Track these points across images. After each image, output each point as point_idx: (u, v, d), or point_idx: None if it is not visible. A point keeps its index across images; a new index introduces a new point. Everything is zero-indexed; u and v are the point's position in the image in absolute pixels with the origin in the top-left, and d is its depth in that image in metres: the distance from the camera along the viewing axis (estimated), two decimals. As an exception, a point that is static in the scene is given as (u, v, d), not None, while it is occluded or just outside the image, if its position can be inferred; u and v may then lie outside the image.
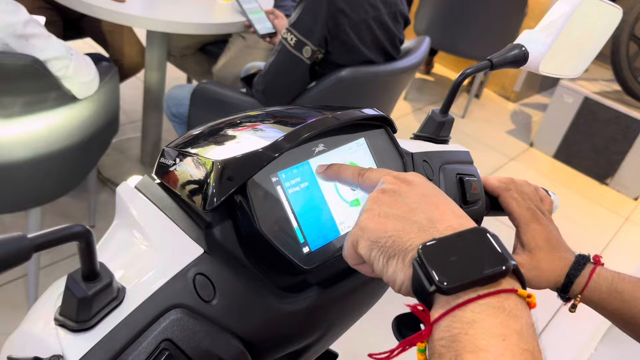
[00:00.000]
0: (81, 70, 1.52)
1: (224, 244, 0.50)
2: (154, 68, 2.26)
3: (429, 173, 0.66)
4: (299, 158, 0.54)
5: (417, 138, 0.74)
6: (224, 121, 0.59)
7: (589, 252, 0.73)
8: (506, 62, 0.69)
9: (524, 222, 0.72)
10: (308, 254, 0.51)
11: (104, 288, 0.42)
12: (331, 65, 1.73)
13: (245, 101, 1.84)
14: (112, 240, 0.51)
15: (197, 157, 0.51)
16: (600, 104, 3.29)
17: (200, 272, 0.47)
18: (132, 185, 0.55)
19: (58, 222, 2.15)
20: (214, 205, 0.47)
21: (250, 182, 0.49)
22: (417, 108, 3.78)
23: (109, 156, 2.52)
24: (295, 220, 0.52)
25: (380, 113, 0.59)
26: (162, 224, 0.50)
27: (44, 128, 1.51)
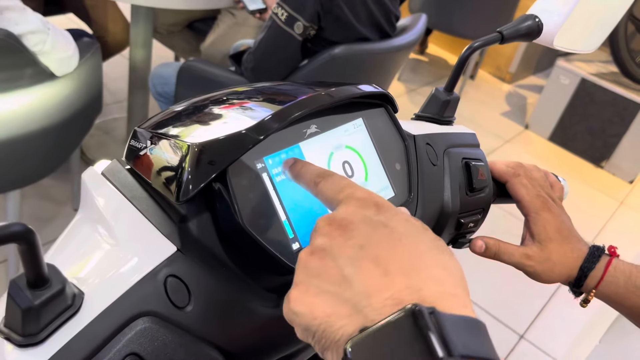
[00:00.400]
0: (59, 46, 1.43)
1: (200, 240, 0.44)
2: (140, 45, 2.16)
3: (432, 158, 0.60)
4: (288, 141, 0.47)
5: (419, 118, 0.67)
6: (205, 98, 0.52)
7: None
8: (518, 35, 0.62)
9: (534, 210, 0.66)
10: (298, 250, 0.45)
11: (54, 296, 0.35)
12: (324, 42, 1.65)
13: (234, 80, 1.76)
14: (72, 237, 0.44)
15: (171, 139, 0.44)
16: (597, 86, 3.23)
17: (173, 273, 0.41)
18: (99, 171, 0.48)
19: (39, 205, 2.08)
20: (189, 196, 0.41)
21: (231, 168, 0.42)
22: (410, 89, 3.70)
23: (94, 137, 2.43)
24: (284, 213, 0.45)
25: (380, 90, 0.52)
26: (130, 217, 0.43)
27: (19, 107, 1.42)
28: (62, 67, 1.46)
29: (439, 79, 3.97)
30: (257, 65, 1.68)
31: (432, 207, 0.59)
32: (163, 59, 2.86)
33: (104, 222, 0.43)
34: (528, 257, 0.65)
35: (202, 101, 0.51)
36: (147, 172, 0.45)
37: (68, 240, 0.45)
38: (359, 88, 0.50)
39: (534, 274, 0.66)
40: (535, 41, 0.65)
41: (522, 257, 0.65)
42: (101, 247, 0.42)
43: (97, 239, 0.43)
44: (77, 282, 0.39)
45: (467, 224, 0.63)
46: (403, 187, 0.54)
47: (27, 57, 1.35)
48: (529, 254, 0.65)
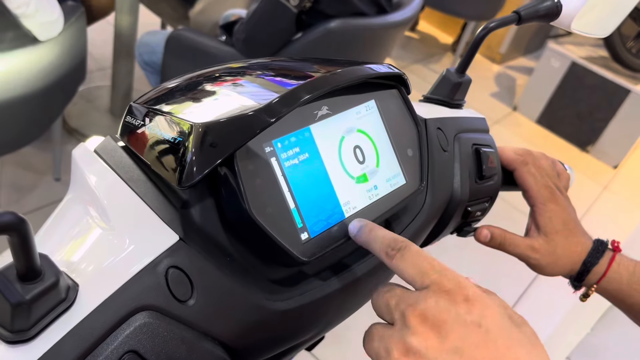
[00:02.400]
0: (43, 9, 1.37)
1: (203, 229, 0.41)
2: (125, 11, 2.09)
3: (443, 143, 0.57)
4: (299, 123, 0.44)
5: (428, 101, 0.64)
6: (205, 73, 0.48)
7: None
8: (537, 16, 0.59)
9: (541, 201, 0.64)
10: (307, 241, 0.42)
11: (47, 289, 0.32)
12: (319, 15, 1.61)
13: (224, 51, 1.70)
14: (62, 220, 0.41)
15: (171, 117, 0.41)
16: (587, 70, 3.23)
17: (175, 264, 0.38)
18: (91, 148, 0.44)
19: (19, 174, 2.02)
20: (193, 182, 0.38)
21: (238, 152, 0.39)
22: (401, 66, 3.66)
23: (76, 105, 2.36)
24: (293, 201, 0.42)
25: (396, 71, 0.49)
26: (127, 201, 0.40)
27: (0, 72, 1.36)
28: (45, 31, 1.40)
29: (429, 57, 3.93)
30: (249, 37, 1.63)
31: (442, 195, 0.56)
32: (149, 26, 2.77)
33: (98, 206, 0.40)
34: (534, 249, 0.63)
35: (205, 75, 0.48)
36: (144, 153, 0.42)
37: (58, 222, 0.41)
38: (373, 68, 0.47)
39: (538, 267, 0.64)
40: (552, 23, 0.62)
41: (528, 249, 0.64)
42: (96, 232, 0.39)
43: (91, 223, 0.40)
44: (70, 272, 0.36)
45: (474, 213, 0.61)
46: (415, 175, 0.51)
47: (9, 19, 1.29)
48: (534, 246, 0.64)
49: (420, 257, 0.38)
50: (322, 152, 0.45)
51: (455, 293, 0.35)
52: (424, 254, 0.38)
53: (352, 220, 0.44)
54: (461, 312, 0.34)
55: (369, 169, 0.48)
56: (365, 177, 0.47)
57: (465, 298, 0.35)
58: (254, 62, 0.51)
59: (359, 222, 0.43)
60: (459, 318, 0.34)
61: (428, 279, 0.36)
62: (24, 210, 1.89)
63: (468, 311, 0.34)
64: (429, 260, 0.38)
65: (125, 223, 0.39)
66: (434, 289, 0.36)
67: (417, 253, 0.38)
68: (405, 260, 0.38)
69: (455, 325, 0.34)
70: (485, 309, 0.35)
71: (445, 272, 0.37)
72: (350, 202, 0.46)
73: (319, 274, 0.46)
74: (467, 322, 0.34)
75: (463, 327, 0.34)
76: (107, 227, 0.39)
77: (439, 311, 0.35)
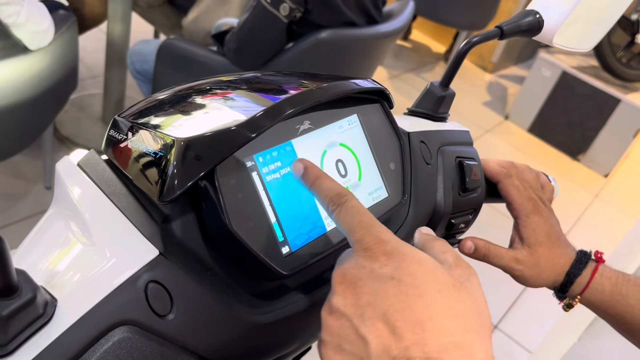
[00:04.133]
0: (34, 18, 1.37)
1: (184, 243, 0.41)
2: (118, 19, 2.09)
3: (426, 156, 0.58)
4: (280, 138, 0.44)
5: (413, 114, 0.65)
6: (191, 86, 0.49)
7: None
8: (519, 31, 0.60)
9: (524, 213, 0.65)
10: (288, 255, 0.43)
11: (24, 305, 0.32)
12: (310, 25, 1.61)
13: (215, 60, 1.71)
14: (44, 234, 0.41)
15: (153, 131, 0.41)
16: (578, 79, 3.25)
17: (154, 279, 0.38)
18: (75, 161, 0.44)
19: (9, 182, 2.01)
20: (173, 197, 0.38)
21: (219, 167, 0.39)
22: (393, 75, 3.68)
23: (68, 113, 2.36)
24: (274, 215, 0.42)
25: (378, 86, 0.50)
26: (108, 215, 0.40)
27: (-11, 81, 1.36)
28: (35, 40, 1.40)
29: (422, 66, 3.95)
30: (240, 47, 1.63)
31: (425, 207, 0.57)
32: (142, 34, 2.78)
33: (79, 220, 0.40)
34: (517, 261, 0.64)
35: (189, 89, 0.48)
36: (127, 167, 0.42)
37: (39, 237, 0.41)
38: (356, 83, 0.48)
39: (522, 278, 0.65)
40: (534, 38, 0.63)
41: (511, 261, 0.64)
42: (76, 247, 0.39)
43: (71, 238, 0.40)
44: (49, 287, 0.36)
45: (458, 225, 0.62)
46: (397, 188, 0.51)
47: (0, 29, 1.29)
48: (518, 258, 0.64)
49: (353, 213, 0.38)
50: None
51: (374, 249, 0.36)
52: (358, 210, 0.38)
53: (295, 160, 0.43)
54: (375, 267, 0.35)
55: (351, 182, 0.48)
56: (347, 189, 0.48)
57: (383, 252, 0.36)
58: (239, 77, 0.51)
59: (302, 163, 0.42)
60: (372, 273, 0.35)
61: (353, 237, 0.37)
62: (14, 218, 1.88)
63: (383, 265, 0.35)
64: (360, 217, 0.38)
65: (105, 237, 0.39)
66: (356, 247, 0.37)
67: (352, 209, 0.38)
68: (341, 216, 0.39)
69: (368, 280, 0.35)
70: (402, 262, 0.35)
71: (370, 229, 0.37)
72: (332, 216, 0.46)
73: (301, 286, 0.46)
74: (380, 275, 0.35)
75: (376, 281, 0.34)
76: (88, 242, 0.39)
77: (357, 268, 0.36)
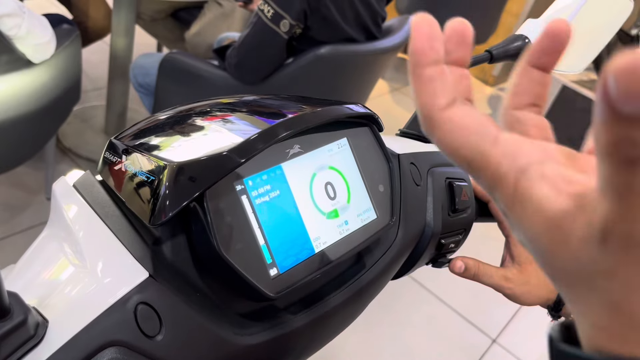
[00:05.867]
0: (35, 31, 1.39)
1: (174, 265, 0.42)
2: (122, 33, 2.11)
3: (416, 178, 0.59)
4: (270, 161, 0.45)
5: (404, 135, 0.66)
6: (186, 110, 0.50)
7: None
8: (507, 55, 0.61)
9: None
10: (276, 277, 0.44)
11: (15, 327, 0.33)
12: (310, 41, 1.63)
13: (217, 75, 1.73)
14: (38, 255, 0.42)
15: (147, 155, 0.42)
16: (578, 93, 3.26)
17: (144, 300, 0.39)
18: (71, 182, 0.46)
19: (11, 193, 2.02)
20: (163, 221, 0.39)
21: (209, 190, 0.41)
22: (394, 88, 3.70)
23: (70, 124, 2.38)
24: (262, 237, 0.44)
25: (367, 111, 0.51)
26: (100, 237, 0.41)
27: (-7, 95, 1.38)
28: (38, 53, 1.42)
29: (423, 79, 3.97)
30: (241, 62, 1.65)
31: (414, 228, 0.58)
32: (146, 47, 2.81)
33: (72, 241, 0.41)
34: (507, 279, 0.65)
35: (183, 113, 0.50)
36: (120, 189, 0.43)
37: (33, 258, 0.43)
38: (347, 107, 0.49)
39: (513, 296, 0.66)
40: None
41: (501, 280, 0.65)
42: (68, 268, 0.40)
43: (63, 259, 0.41)
44: (40, 308, 0.37)
45: (447, 245, 0.63)
46: (385, 210, 0.53)
47: (3, 43, 1.31)
48: (507, 276, 0.65)
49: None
50: (293, 189, 0.46)
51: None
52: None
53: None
54: None
55: (340, 204, 0.49)
56: (336, 213, 0.49)
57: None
58: (233, 100, 0.52)
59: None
60: None
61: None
62: (16, 229, 1.90)
63: None
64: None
65: (97, 259, 0.40)
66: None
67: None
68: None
69: None
70: None
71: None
72: (321, 237, 0.47)
73: (289, 307, 0.47)
74: None
75: None
76: (80, 263, 0.40)
77: None
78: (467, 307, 2.17)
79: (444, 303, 2.17)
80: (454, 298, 2.18)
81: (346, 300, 0.50)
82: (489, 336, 2.10)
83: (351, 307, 0.52)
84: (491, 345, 2.07)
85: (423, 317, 2.08)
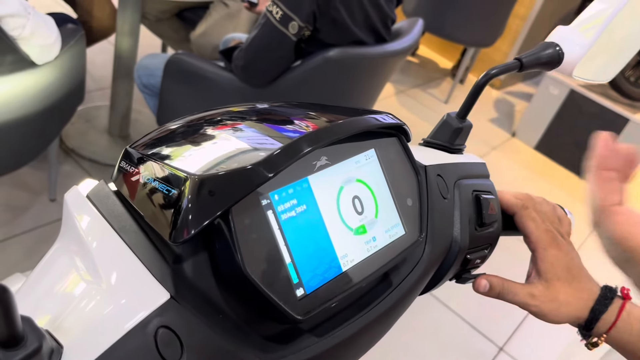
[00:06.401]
0: (40, 32, 1.37)
1: (196, 285, 0.40)
2: (126, 33, 2.09)
3: (443, 190, 0.56)
4: (296, 174, 0.43)
5: (429, 145, 0.64)
6: (205, 117, 0.47)
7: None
8: (539, 63, 0.59)
9: (542, 246, 0.63)
10: (302, 297, 0.41)
11: (29, 356, 0.30)
12: (318, 43, 1.61)
13: (223, 76, 1.70)
14: (50, 272, 0.39)
15: (166, 166, 0.40)
16: (586, 98, 3.24)
17: (165, 324, 0.36)
18: (84, 192, 0.43)
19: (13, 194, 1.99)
20: (186, 238, 0.36)
21: (235, 206, 0.38)
22: (400, 90, 3.68)
23: (74, 125, 2.35)
24: (289, 255, 0.41)
25: (398, 121, 0.48)
26: (118, 254, 0.39)
27: (-3, 95, 1.35)
28: (42, 54, 1.40)
29: (429, 82, 3.95)
30: (248, 64, 1.63)
31: (441, 244, 0.55)
32: (150, 47, 2.78)
33: (87, 257, 0.39)
34: (533, 296, 0.62)
35: (204, 120, 0.47)
36: (138, 201, 0.41)
37: (44, 274, 0.40)
38: (376, 118, 0.46)
39: (540, 314, 0.63)
40: (553, 70, 0.62)
41: (527, 297, 0.62)
42: (83, 287, 0.38)
43: (78, 276, 0.38)
44: (54, 330, 0.35)
45: (473, 260, 0.60)
46: (414, 225, 0.50)
47: (6, 43, 1.28)
48: (533, 293, 0.62)
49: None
50: (320, 204, 0.44)
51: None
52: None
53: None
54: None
55: (368, 219, 0.47)
56: (364, 229, 0.46)
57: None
58: (254, 108, 0.50)
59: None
60: None
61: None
62: (18, 230, 1.87)
63: None
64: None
65: (114, 277, 0.37)
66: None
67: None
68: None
69: None
70: None
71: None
72: (348, 255, 0.45)
73: (314, 329, 0.45)
74: None
75: None
76: (95, 281, 0.37)
77: None
78: (474, 315, 2.14)
79: (451, 310, 2.14)
80: (461, 305, 2.15)
81: (373, 322, 0.47)
82: (495, 344, 2.07)
83: (378, 328, 0.49)
84: (498, 354, 2.04)
85: (430, 325, 2.06)
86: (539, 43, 0.60)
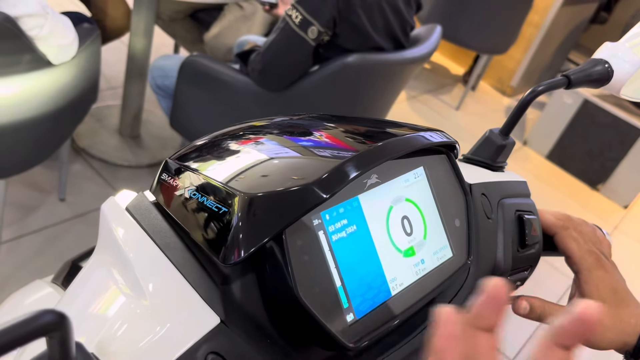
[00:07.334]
0: (58, 32, 1.35)
1: (244, 308, 0.38)
2: (141, 33, 2.08)
3: (487, 210, 0.54)
4: (347, 193, 0.41)
5: (469, 161, 0.62)
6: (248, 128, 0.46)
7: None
8: (588, 80, 0.57)
9: (586, 268, 0.61)
10: (353, 323, 0.39)
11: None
12: (337, 49, 1.59)
13: (239, 80, 1.69)
14: (90, 288, 0.37)
15: (216, 183, 0.38)
16: (599, 108, 3.21)
17: (215, 350, 0.34)
18: (122, 204, 0.41)
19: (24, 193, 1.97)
20: (238, 260, 0.35)
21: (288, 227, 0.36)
22: (411, 96, 3.65)
23: (85, 124, 2.33)
24: (339, 278, 0.39)
25: (450, 139, 0.46)
26: (164, 274, 0.37)
27: (13, 94, 1.34)
28: (60, 54, 1.38)
29: (441, 87, 3.93)
30: (266, 68, 1.61)
31: (485, 266, 0.53)
32: (164, 47, 2.77)
33: (130, 274, 0.37)
34: None
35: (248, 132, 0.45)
36: (183, 218, 0.39)
37: (85, 292, 0.38)
38: (428, 137, 0.44)
39: None
40: (601, 88, 0.60)
41: None
42: (129, 308, 0.36)
43: (122, 296, 0.37)
44: (101, 355, 0.33)
45: (514, 282, 0.58)
46: (462, 248, 0.48)
47: (25, 42, 1.27)
48: None
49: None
50: (370, 224, 0.42)
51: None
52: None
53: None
54: None
55: (416, 241, 0.45)
56: (413, 251, 0.44)
57: None
58: (299, 120, 0.48)
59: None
60: None
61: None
62: (28, 230, 1.85)
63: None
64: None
65: (160, 299, 0.36)
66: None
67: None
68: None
69: None
70: None
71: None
72: (397, 279, 0.43)
73: (361, 354, 0.43)
74: None
75: None
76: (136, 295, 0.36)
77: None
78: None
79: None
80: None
81: (417, 349, 0.45)
82: (506, 356, 2.05)
83: (421, 355, 0.47)
84: (509, 365, 2.02)
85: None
86: (588, 59, 0.58)
